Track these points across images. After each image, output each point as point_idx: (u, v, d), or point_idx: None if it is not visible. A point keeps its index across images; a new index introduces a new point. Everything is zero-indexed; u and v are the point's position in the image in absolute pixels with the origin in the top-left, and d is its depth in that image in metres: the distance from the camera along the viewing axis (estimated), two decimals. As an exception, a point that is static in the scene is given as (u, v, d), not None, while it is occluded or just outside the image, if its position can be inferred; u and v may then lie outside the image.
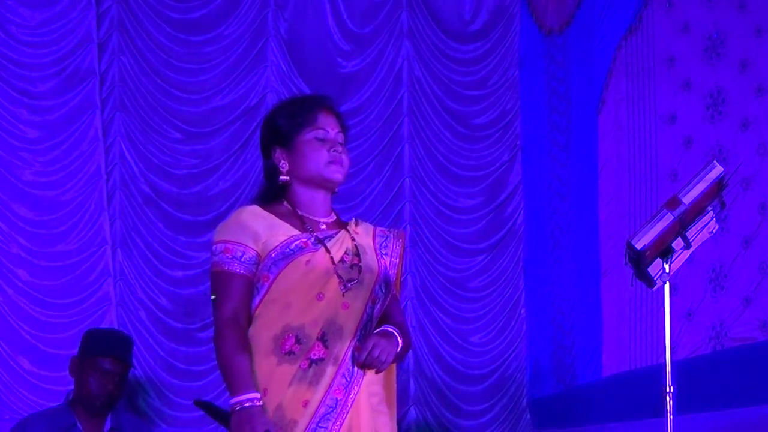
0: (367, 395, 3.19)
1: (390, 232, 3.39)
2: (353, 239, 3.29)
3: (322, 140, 3.28)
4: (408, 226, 7.25)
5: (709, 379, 5.37)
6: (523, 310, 7.31)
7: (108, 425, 5.17)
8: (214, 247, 3.24)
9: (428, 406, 7.12)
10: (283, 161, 3.29)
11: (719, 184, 3.67)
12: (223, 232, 3.24)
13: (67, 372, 5.24)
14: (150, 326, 6.86)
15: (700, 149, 5.78)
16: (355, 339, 3.18)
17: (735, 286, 5.44)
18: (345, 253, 3.25)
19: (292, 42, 7.25)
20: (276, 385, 3.16)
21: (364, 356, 3.13)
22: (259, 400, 3.11)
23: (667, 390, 3.81)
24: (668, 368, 3.77)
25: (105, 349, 5.18)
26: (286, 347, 3.17)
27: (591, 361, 6.57)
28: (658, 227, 3.60)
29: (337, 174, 3.27)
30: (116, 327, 6.62)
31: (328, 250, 3.23)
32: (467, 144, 7.37)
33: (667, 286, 3.70)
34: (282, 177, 3.30)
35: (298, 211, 3.30)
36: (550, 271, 7.09)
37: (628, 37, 6.40)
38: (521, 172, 7.41)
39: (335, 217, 3.34)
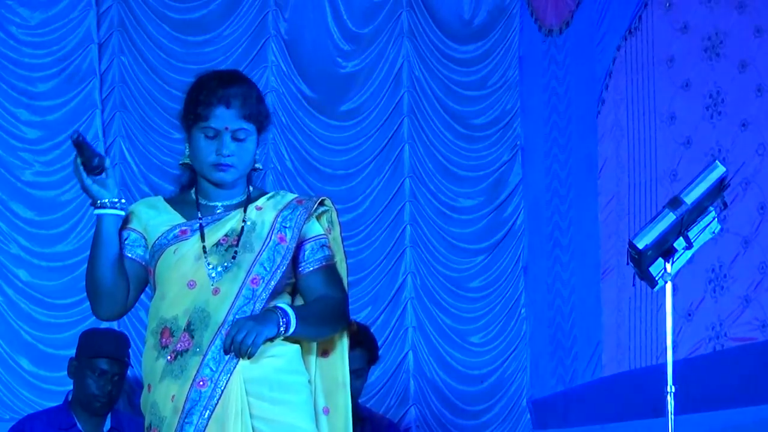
0: (240, 383, 3.00)
1: (308, 202, 3.20)
2: (244, 220, 3.13)
3: (212, 138, 3.14)
4: (408, 226, 7.26)
5: (709, 379, 5.37)
6: (523, 310, 7.31)
7: (108, 425, 5.18)
8: None
9: (428, 406, 7.13)
10: (186, 144, 3.22)
11: (721, 185, 3.68)
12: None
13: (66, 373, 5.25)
14: (150, 326, 6.85)
15: (700, 149, 5.77)
16: (224, 325, 3.01)
17: (735, 286, 5.44)
18: (225, 235, 3.11)
19: (292, 42, 7.25)
20: (155, 381, 3.06)
21: (227, 341, 2.96)
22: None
23: (669, 390, 3.81)
24: (669, 368, 3.77)
25: (101, 349, 5.20)
26: (163, 341, 3.06)
27: (591, 361, 6.57)
28: (660, 227, 3.60)
29: (222, 178, 3.15)
30: (116, 327, 6.62)
31: (202, 236, 3.10)
32: (467, 144, 7.37)
33: (669, 286, 3.70)
34: (182, 162, 3.24)
35: (199, 198, 3.20)
36: (550, 271, 7.09)
37: (628, 38, 6.40)
38: (521, 172, 7.41)
39: (246, 197, 3.19)
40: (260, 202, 3.19)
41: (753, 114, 5.44)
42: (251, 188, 3.24)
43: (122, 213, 3.14)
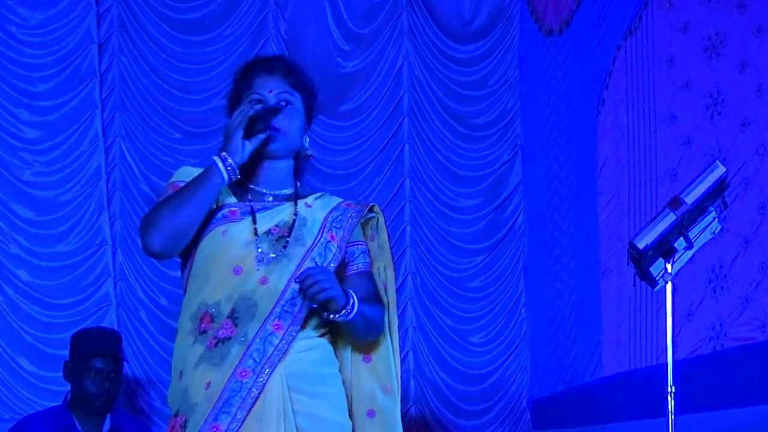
0: (282, 379, 2.94)
1: (357, 205, 3.21)
2: (296, 213, 3.09)
3: (257, 104, 3.10)
4: (408, 226, 7.26)
5: (709, 379, 5.37)
6: (523, 310, 7.32)
7: (107, 425, 5.19)
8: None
9: (428, 406, 7.13)
10: None
11: (721, 185, 3.68)
12: (174, 176, 3.13)
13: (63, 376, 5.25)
14: (150, 326, 6.86)
15: (700, 149, 5.77)
16: (272, 317, 2.94)
17: (735, 286, 5.43)
18: (276, 225, 3.05)
19: (292, 42, 7.24)
20: (188, 367, 2.99)
21: (304, 273, 2.90)
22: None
23: (669, 390, 3.81)
24: (670, 368, 3.77)
25: (95, 349, 5.21)
26: (202, 326, 2.99)
27: (591, 361, 6.57)
28: (660, 227, 3.60)
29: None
30: (117, 327, 6.62)
31: (254, 221, 3.04)
32: (467, 144, 7.38)
33: (669, 286, 3.70)
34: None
35: (249, 183, 3.13)
36: (550, 272, 7.09)
37: (628, 38, 6.39)
38: (521, 172, 7.41)
39: (295, 190, 3.17)
40: (309, 199, 3.16)
41: (753, 114, 5.44)
42: (299, 184, 3.21)
43: (226, 180, 3.01)
